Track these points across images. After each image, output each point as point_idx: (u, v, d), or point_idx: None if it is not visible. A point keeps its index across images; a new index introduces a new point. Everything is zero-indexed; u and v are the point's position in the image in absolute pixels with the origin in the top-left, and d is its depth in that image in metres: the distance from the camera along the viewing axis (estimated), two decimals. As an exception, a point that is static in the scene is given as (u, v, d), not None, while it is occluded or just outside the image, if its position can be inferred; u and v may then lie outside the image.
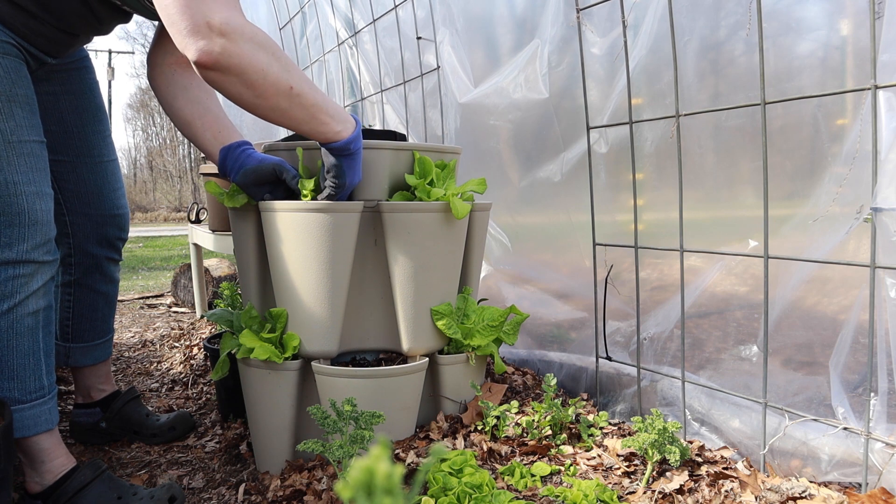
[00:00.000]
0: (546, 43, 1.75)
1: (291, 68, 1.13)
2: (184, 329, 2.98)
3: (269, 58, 1.09)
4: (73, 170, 1.56)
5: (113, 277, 1.71)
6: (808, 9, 1.28)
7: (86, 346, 1.68)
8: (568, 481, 1.20)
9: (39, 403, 1.28)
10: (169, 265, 5.98)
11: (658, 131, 1.51)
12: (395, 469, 0.28)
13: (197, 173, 19.49)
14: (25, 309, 1.24)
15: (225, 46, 1.04)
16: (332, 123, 1.19)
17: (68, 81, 1.51)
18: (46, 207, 1.26)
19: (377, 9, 2.48)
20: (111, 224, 1.64)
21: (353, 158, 1.25)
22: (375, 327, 1.45)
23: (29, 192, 1.22)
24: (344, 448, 1.11)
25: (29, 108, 1.25)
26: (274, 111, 1.14)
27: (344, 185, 1.27)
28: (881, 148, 1.04)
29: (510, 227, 2.03)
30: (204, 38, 1.03)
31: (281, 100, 1.12)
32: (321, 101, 1.17)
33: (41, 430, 1.28)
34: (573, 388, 1.74)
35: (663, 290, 1.57)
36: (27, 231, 1.22)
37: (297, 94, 1.13)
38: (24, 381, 1.25)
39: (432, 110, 2.24)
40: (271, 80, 1.09)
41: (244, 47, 1.06)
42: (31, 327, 1.26)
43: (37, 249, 1.24)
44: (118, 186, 1.66)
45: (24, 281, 1.23)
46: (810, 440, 1.17)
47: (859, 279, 1.14)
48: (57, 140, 1.52)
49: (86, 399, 1.72)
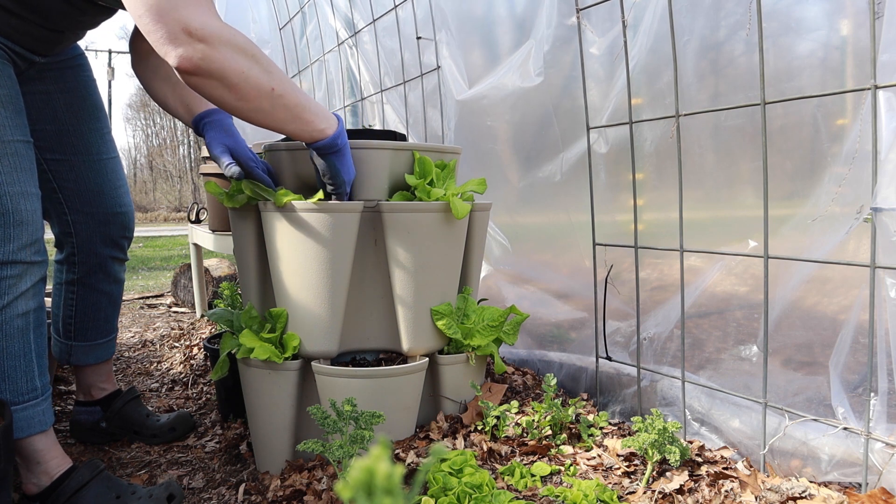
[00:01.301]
0: (542, 43, 1.75)
1: (272, 69, 1.12)
2: (184, 329, 2.98)
3: (249, 60, 1.09)
4: (72, 168, 1.55)
5: (117, 277, 1.70)
6: (808, 9, 1.28)
7: (88, 345, 1.68)
8: (568, 481, 1.20)
9: (32, 405, 1.27)
10: (169, 265, 5.97)
11: (658, 131, 1.51)
12: (395, 469, 0.28)
13: (197, 173, 19.48)
14: (15, 310, 1.23)
15: (205, 52, 1.04)
16: (315, 122, 1.19)
17: (62, 80, 1.51)
18: (32, 207, 1.24)
19: (377, 9, 2.48)
20: (114, 223, 1.63)
21: (341, 154, 1.25)
22: (375, 327, 1.45)
23: (13, 193, 1.21)
24: (344, 448, 1.11)
25: (13, 107, 1.24)
26: (257, 112, 1.14)
27: (343, 183, 1.28)
28: (881, 148, 1.04)
29: (510, 227, 2.03)
30: (183, 45, 1.03)
31: (263, 101, 1.12)
32: (303, 101, 1.17)
33: (34, 432, 1.27)
34: (573, 388, 1.74)
35: (663, 290, 1.57)
36: (12, 231, 1.21)
37: (279, 94, 1.12)
38: (15, 382, 1.24)
39: (432, 110, 2.24)
40: (252, 82, 1.09)
41: (224, 51, 1.06)
42: (22, 329, 1.25)
43: (24, 250, 1.23)
44: (120, 185, 1.64)
45: (13, 282, 1.22)
46: (810, 440, 1.17)
47: (859, 279, 1.14)
48: (52, 139, 1.51)
49: (87, 397, 1.72)
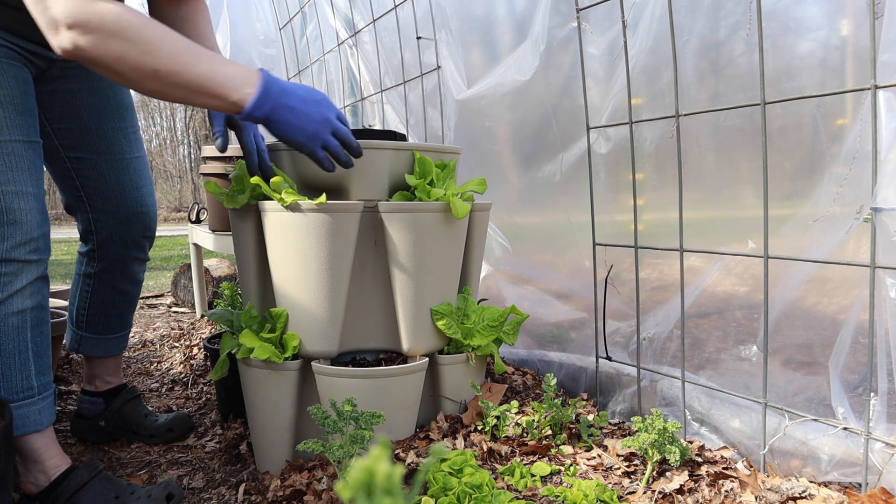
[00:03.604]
0: (541, 43, 1.75)
1: (155, 49, 1.06)
2: (184, 329, 2.98)
3: (123, 44, 1.05)
4: (94, 167, 1.55)
5: (135, 278, 1.69)
6: (808, 9, 1.28)
7: (97, 338, 1.68)
8: (568, 481, 1.20)
9: (27, 404, 1.27)
10: (169, 265, 5.97)
11: (658, 131, 1.51)
12: (395, 469, 0.28)
13: (197, 173, 19.46)
14: (9, 308, 1.23)
15: (74, 40, 1.03)
16: (226, 93, 1.12)
17: (86, 78, 1.51)
18: (27, 207, 1.25)
19: (377, 9, 2.48)
20: (135, 222, 1.62)
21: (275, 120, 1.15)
22: (375, 327, 1.45)
23: (7, 192, 1.22)
24: (344, 448, 1.11)
25: (13, 108, 1.24)
26: (153, 93, 1.11)
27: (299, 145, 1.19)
28: (881, 148, 1.04)
29: (510, 227, 2.03)
30: (56, 35, 1.03)
31: (150, 83, 1.09)
32: (204, 74, 1.10)
33: (29, 431, 1.27)
34: (573, 388, 1.74)
35: (663, 290, 1.57)
36: (6, 230, 1.22)
37: (167, 73, 1.08)
38: (10, 380, 1.25)
39: (432, 110, 2.24)
40: (130, 65, 1.06)
41: (93, 39, 1.03)
42: (17, 326, 1.25)
43: (18, 248, 1.23)
44: (143, 184, 1.63)
45: (8, 280, 1.23)
46: (810, 440, 1.17)
47: (859, 279, 1.14)
48: (76, 137, 1.52)
49: (91, 387, 1.72)
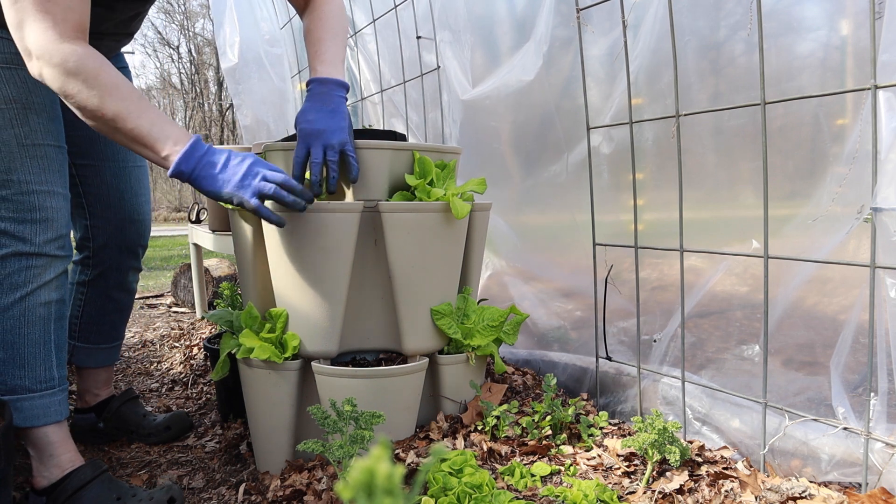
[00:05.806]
0: (543, 43, 1.75)
1: (106, 95, 1.10)
2: (184, 329, 2.98)
3: (79, 84, 1.09)
4: (97, 173, 1.60)
5: (128, 287, 1.72)
6: (808, 9, 1.29)
7: (89, 348, 1.69)
8: (568, 481, 1.20)
9: (49, 394, 1.31)
10: (169, 265, 5.97)
11: (658, 131, 1.51)
12: (396, 469, 0.28)
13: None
14: (38, 299, 1.30)
15: (41, 70, 1.10)
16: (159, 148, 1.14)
17: None
18: (58, 205, 1.32)
19: (377, 8, 2.48)
20: (130, 230, 1.65)
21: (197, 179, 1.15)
22: (375, 327, 1.44)
23: (41, 191, 1.29)
24: (344, 448, 1.11)
25: (46, 114, 1.31)
26: (98, 130, 1.15)
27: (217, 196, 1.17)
28: (881, 148, 1.04)
29: (514, 226, 2.03)
30: (29, 61, 1.11)
31: (99, 125, 1.14)
32: (144, 127, 1.12)
33: (50, 421, 1.31)
34: (576, 388, 1.74)
35: (664, 291, 1.57)
36: (39, 226, 1.29)
37: (112, 118, 1.11)
38: (34, 369, 1.30)
39: (433, 110, 2.24)
40: (81, 103, 1.11)
41: (54, 72, 1.09)
42: (43, 317, 1.31)
43: (49, 244, 1.30)
44: (142, 192, 1.67)
45: (37, 272, 1.29)
46: (810, 440, 1.17)
47: (859, 279, 1.14)
48: (84, 144, 1.56)
49: (82, 403, 1.74)
